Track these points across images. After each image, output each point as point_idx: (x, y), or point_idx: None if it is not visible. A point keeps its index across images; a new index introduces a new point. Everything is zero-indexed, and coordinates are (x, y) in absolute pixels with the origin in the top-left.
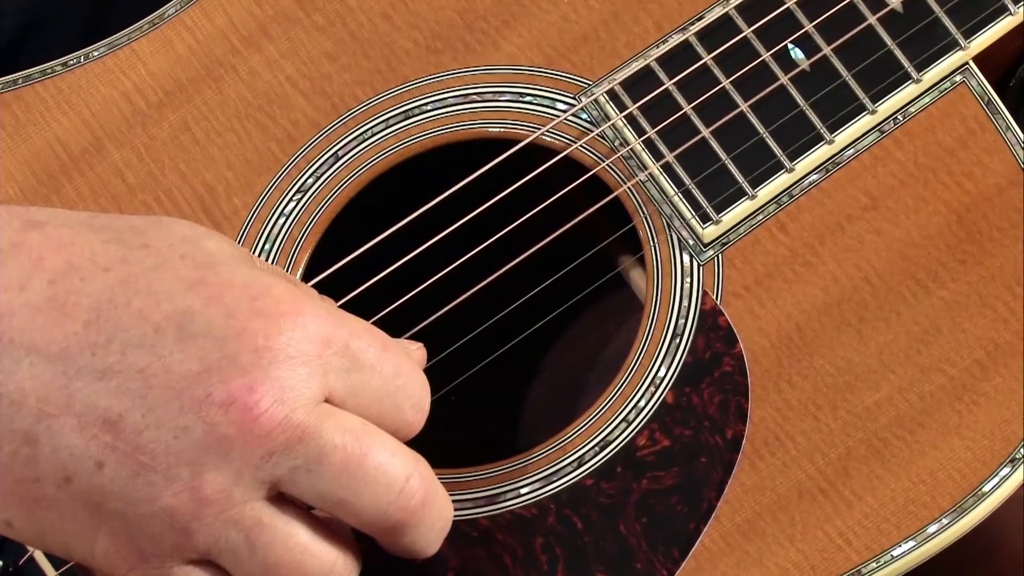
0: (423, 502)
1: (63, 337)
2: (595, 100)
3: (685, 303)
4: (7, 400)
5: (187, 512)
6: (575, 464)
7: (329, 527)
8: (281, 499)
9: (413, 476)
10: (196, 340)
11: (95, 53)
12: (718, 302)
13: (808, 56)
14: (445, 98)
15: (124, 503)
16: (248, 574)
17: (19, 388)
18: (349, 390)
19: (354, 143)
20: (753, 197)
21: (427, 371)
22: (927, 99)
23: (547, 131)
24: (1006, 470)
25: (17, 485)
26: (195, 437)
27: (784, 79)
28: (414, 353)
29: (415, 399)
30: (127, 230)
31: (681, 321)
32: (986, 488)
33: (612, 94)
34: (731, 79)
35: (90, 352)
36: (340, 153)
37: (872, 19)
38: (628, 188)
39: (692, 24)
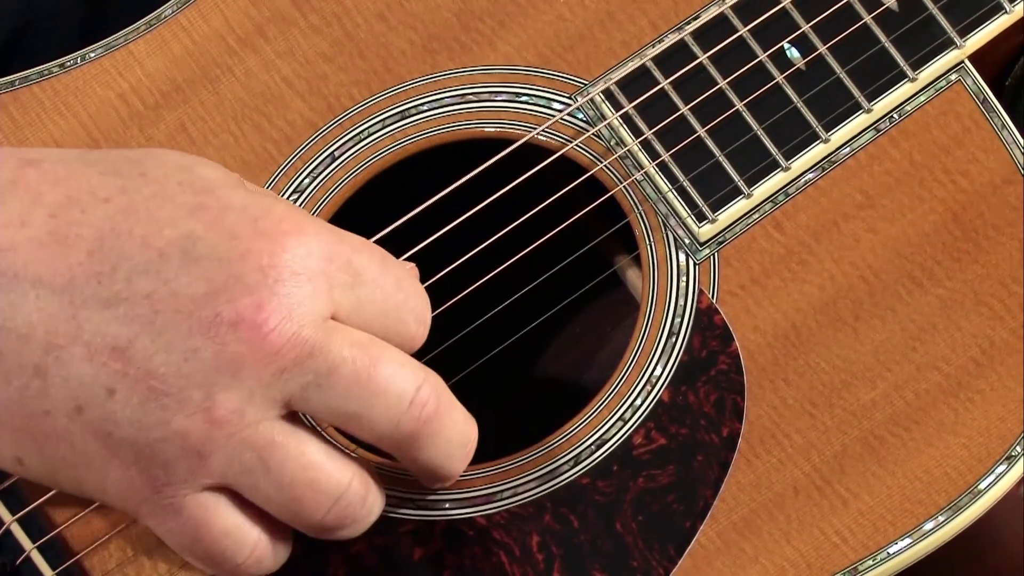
0: (436, 412)
1: (67, 268)
2: (591, 100)
3: (681, 302)
4: (15, 334)
5: (200, 434)
6: (571, 463)
7: (344, 449)
8: (294, 418)
9: (424, 386)
10: (201, 263)
11: (92, 54)
12: (714, 300)
13: (804, 55)
14: (441, 98)
15: (136, 429)
16: (264, 495)
17: (26, 321)
18: (354, 305)
19: (350, 143)
20: (749, 196)
21: None
22: (923, 98)
23: (543, 131)
24: (1002, 467)
25: (28, 420)
26: (205, 358)
27: (780, 78)
28: (410, 271)
29: (417, 311)
30: (122, 161)
31: (677, 320)
32: (982, 485)
33: (608, 94)
34: (727, 78)
35: (95, 281)
36: (336, 153)
37: (867, 18)
38: (624, 187)
39: (688, 23)
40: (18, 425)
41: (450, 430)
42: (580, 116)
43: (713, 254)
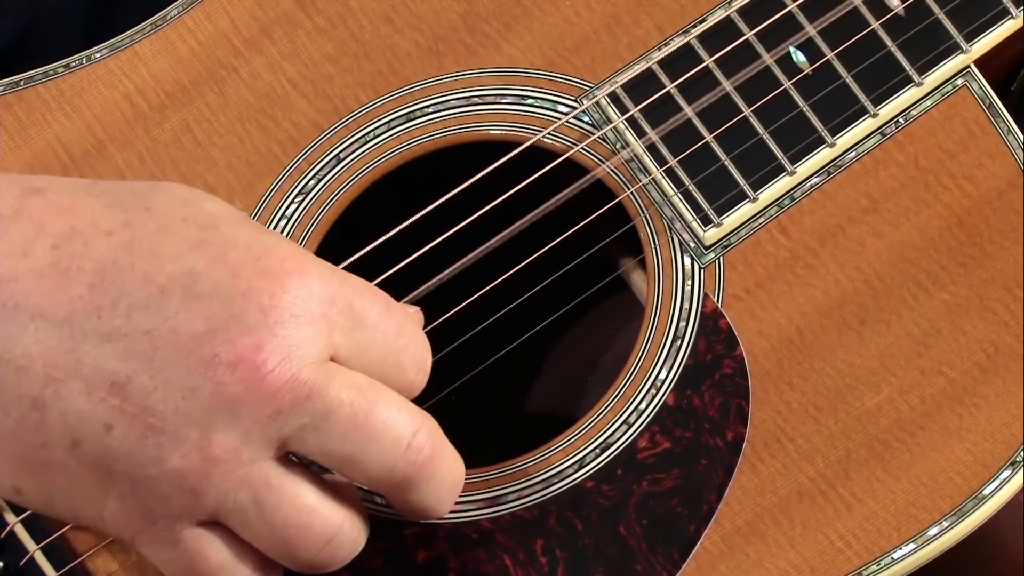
0: (431, 457)
1: (68, 301)
2: (596, 103)
3: (686, 305)
4: (13, 366)
5: (196, 472)
6: (576, 466)
7: (337, 489)
8: (289, 460)
9: (420, 431)
10: (202, 300)
11: (97, 55)
12: (719, 305)
13: (810, 59)
14: (447, 100)
15: (133, 465)
16: (256, 534)
17: (25, 353)
18: (353, 348)
19: (356, 145)
20: (754, 200)
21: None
22: (928, 102)
23: (548, 134)
24: (1006, 473)
25: (25, 451)
26: (203, 397)
27: (786, 82)
28: (413, 316)
29: (417, 358)
30: (127, 194)
31: (682, 323)
32: (986, 491)
33: (613, 97)
34: (733, 82)
35: (96, 315)
36: (342, 155)
37: (874, 22)
38: (630, 191)
39: (694, 27)
40: (16, 456)
41: (443, 473)
42: (586, 119)
43: (718, 258)
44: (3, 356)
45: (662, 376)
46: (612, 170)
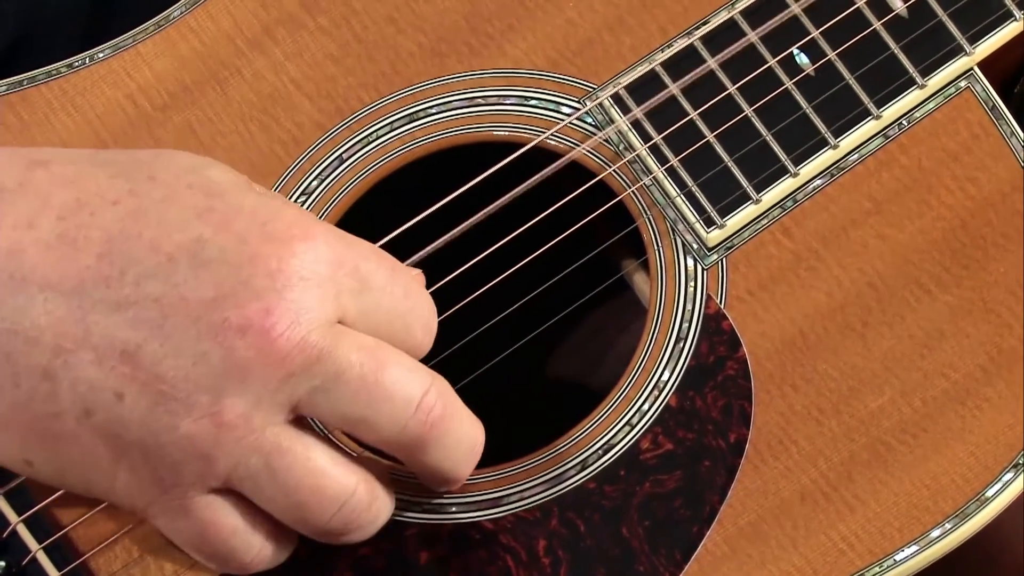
0: (442, 417)
1: (76, 272)
2: (600, 104)
3: (689, 307)
4: (23, 337)
5: (208, 438)
6: (578, 467)
7: (350, 454)
8: (301, 423)
9: (431, 391)
10: (210, 267)
11: (100, 54)
12: (722, 306)
13: (813, 61)
14: (450, 101)
15: (145, 433)
16: (269, 499)
17: (35, 325)
18: (361, 311)
19: (359, 146)
20: (757, 201)
21: None
22: (931, 104)
23: (552, 135)
24: (1009, 475)
25: (36, 422)
26: (214, 363)
27: (789, 84)
28: (416, 277)
29: (424, 319)
30: (131, 163)
31: (685, 325)
32: (989, 493)
33: (617, 98)
34: (736, 84)
35: (104, 285)
36: (345, 156)
37: (877, 24)
38: (632, 192)
39: (697, 28)
40: (27, 427)
41: (456, 433)
42: (589, 120)
43: (721, 259)
44: (13, 328)
45: (665, 377)
46: (615, 171)
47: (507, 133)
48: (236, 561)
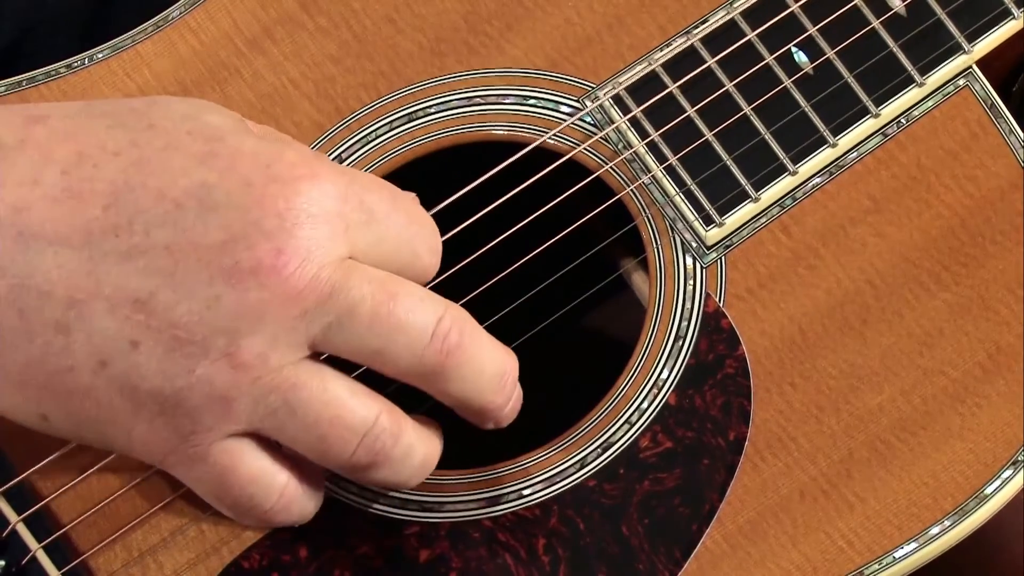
0: (459, 344)
1: (84, 224)
2: (599, 103)
3: (688, 305)
4: (35, 292)
5: (225, 380)
6: (578, 465)
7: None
8: (317, 359)
9: (445, 317)
10: (217, 211)
11: (99, 55)
12: (721, 304)
13: (811, 59)
14: (449, 101)
15: (162, 379)
16: (291, 436)
17: (46, 279)
18: (370, 243)
19: (358, 145)
20: (756, 200)
21: None
22: (930, 103)
23: (552, 135)
24: (1008, 472)
25: (51, 377)
26: (228, 305)
27: (787, 82)
28: (414, 200)
29: (428, 242)
30: (127, 113)
31: (684, 323)
32: (988, 490)
33: (616, 97)
34: (735, 82)
35: (113, 235)
36: (344, 156)
37: (875, 22)
38: (631, 191)
39: (696, 28)
40: (42, 383)
41: (477, 360)
42: (588, 119)
43: (720, 258)
44: (24, 283)
45: (664, 376)
46: (614, 170)
47: (506, 132)
48: (256, 509)
